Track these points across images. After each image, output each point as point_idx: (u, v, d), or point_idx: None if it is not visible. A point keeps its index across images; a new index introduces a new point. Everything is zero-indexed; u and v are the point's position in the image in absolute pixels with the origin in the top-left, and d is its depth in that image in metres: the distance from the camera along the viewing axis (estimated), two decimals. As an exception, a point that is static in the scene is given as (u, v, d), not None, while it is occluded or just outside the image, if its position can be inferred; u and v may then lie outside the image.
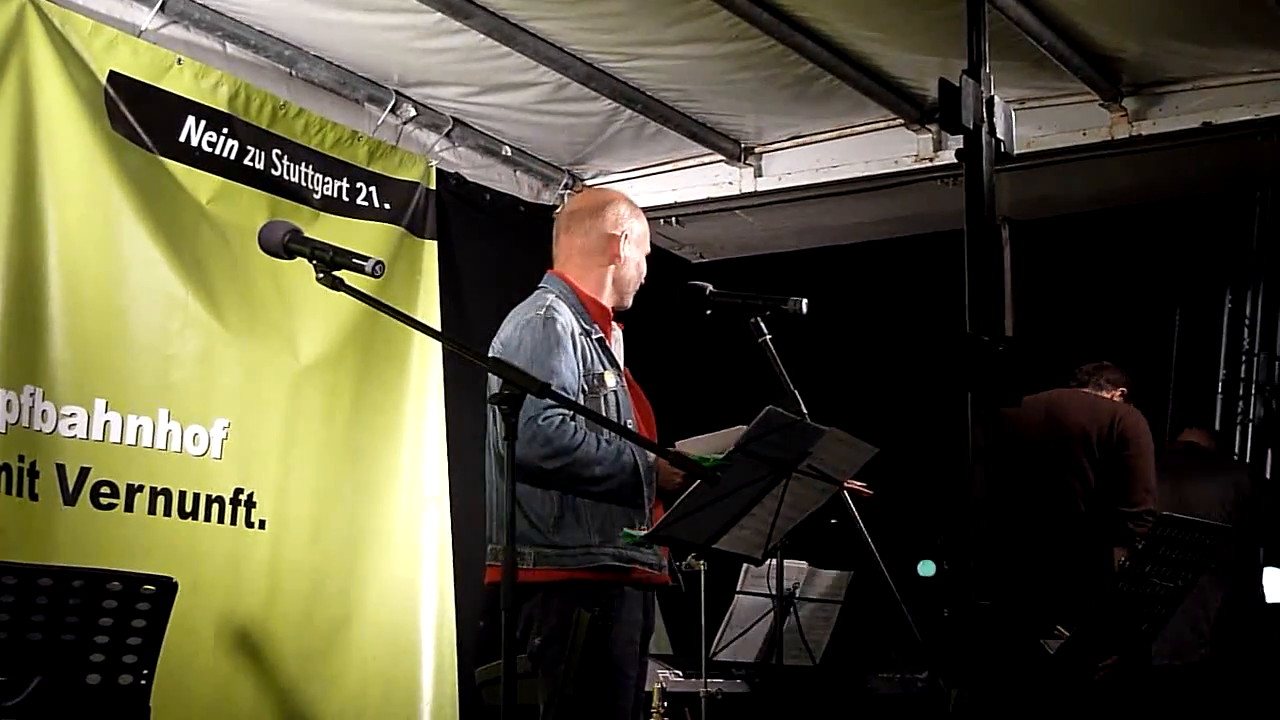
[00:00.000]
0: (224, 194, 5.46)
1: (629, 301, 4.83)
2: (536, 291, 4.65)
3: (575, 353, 4.50)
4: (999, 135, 3.46)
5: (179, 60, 5.29)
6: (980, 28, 3.57)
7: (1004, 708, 3.49)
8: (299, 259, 3.72)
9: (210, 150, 5.42)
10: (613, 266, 4.76)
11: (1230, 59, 6.26)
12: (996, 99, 3.43)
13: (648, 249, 4.88)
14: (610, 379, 4.56)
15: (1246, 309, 10.99)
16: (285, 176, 5.74)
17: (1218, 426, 10.84)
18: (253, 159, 5.61)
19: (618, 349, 4.79)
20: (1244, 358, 10.98)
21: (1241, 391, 10.95)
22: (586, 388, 4.47)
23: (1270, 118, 6.34)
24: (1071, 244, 8.23)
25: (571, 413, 4.31)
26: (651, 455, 4.41)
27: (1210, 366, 11.08)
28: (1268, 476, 10.64)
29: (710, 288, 4.69)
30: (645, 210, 7.00)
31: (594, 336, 4.62)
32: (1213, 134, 6.47)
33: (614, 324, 4.82)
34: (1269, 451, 10.67)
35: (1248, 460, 10.76)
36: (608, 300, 4.75)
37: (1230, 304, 11.06)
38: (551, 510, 4.43)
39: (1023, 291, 7.15)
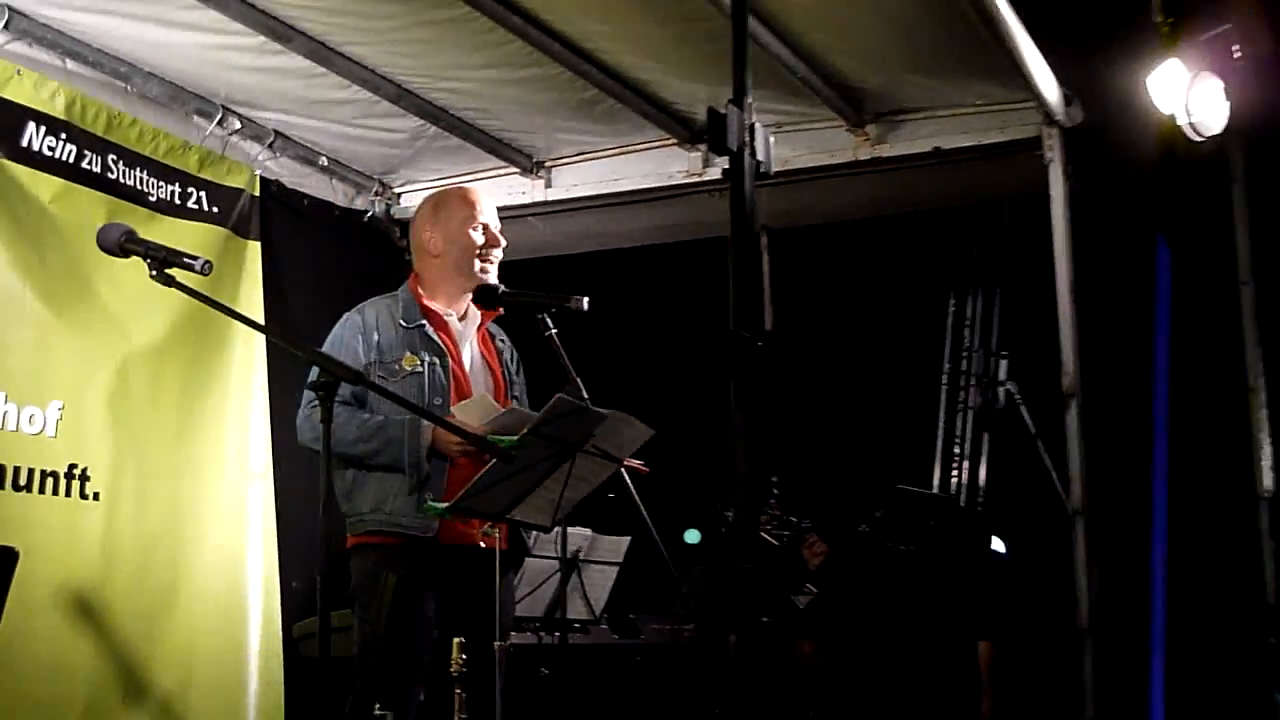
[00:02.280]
0: (64, 195, 5.44)
1: (484, 277, 4.91)
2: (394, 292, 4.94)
3: (364, 345, 4.71)
4: (759, 156, 3.53)
5: (19, 71, 5.26)
6: (743, 61, 3.54)
7: (763, 652, 3.67)
8: (134, 258, 3.80)
9: (50, 154, 5.39)
10: (436, 261, 4.91)
11: (957, 92, 6.48)
12: (757, 124, 3.41)
13: (476, 223, 4.94)
14: (411, 363, 4.69)
15: (968, 311, 11.31)
16: (121, 180, 5.73)
17: (941, 414, 11.20)
18: (90, 163, 5.58)
19: (467, 331, 4.93)
20: (965, 354, 11.27)
21: (962, 383, 11.27)
22: (385, 373, 4.61)
23: (990, 144, 6.59)
24: (821, 251, 8.42)
25: (345, 397, 4.48)
26: (427, 427, 4.52)
27: (935, 360, 11.40)
28: (985, 455, 11.06)
29: (502, 287, 4.83)
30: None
31: (413, 326, 4.76)
32: (942, 157, 6.68)
33: (476, 310, 4.96)
34: (985, 435, 11.03)
35: (967, 443, 11.16)
36: (442, 291, 4.89)
37: (954, 306, 11.35)
38: (345, 484, 4.67)
39: (780, 293, 7.33)
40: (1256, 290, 7.17)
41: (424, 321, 4.78)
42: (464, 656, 5.05)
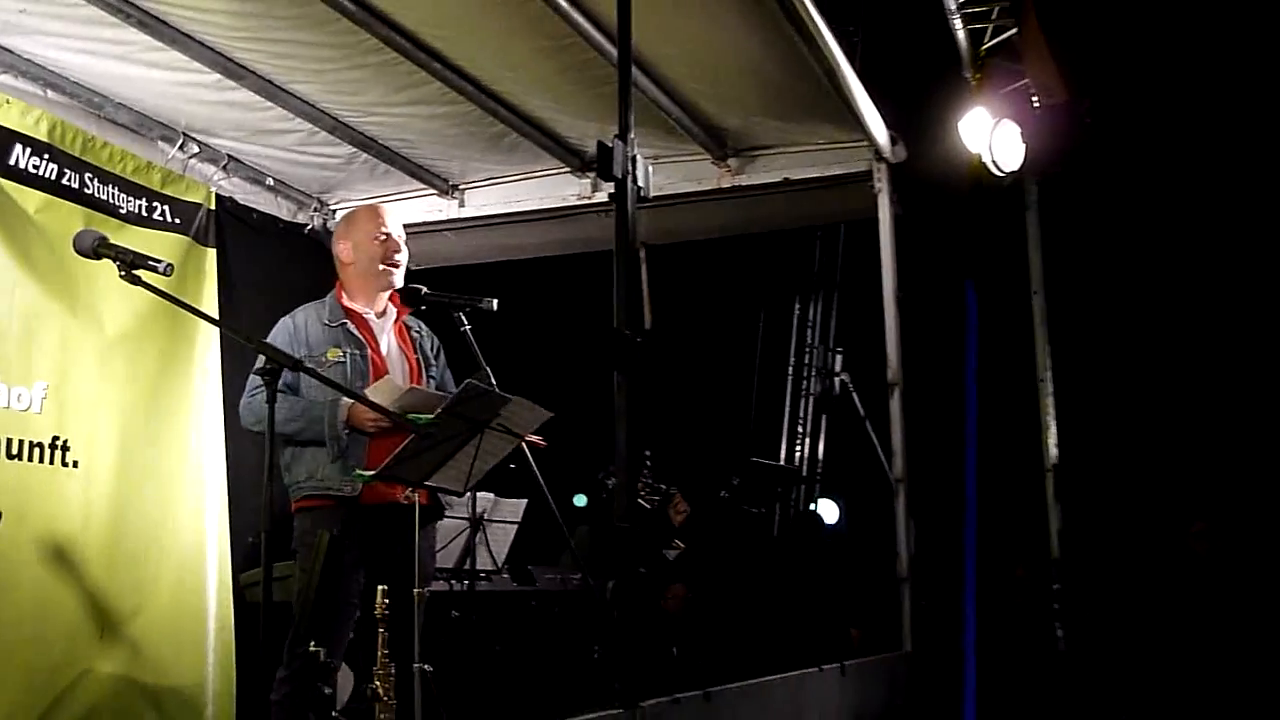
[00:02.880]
0: (47, 206, 5.45)
1: (390, 281, 4.95)
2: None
3: (295, 343, 4.76)
4: (639, 182, 3.59)
5: (7, 100, 5.29)
6: (627, 103, 3.71)
7: (637, 597, 3.84)
8: (106, 260, 3.89)
9: (35, 172, 5.40)
10: (350, 268, 4.98)
11: (803, 133, 6.69)
12: (638, 156, 3.58)
13: (381, 234, 4.95)
14: (335, 354, 4.74)
15: (810, 314, 11.58)
16: (96, 195, 5.75)
17: (788, 399, 11.45)
18: (69, 180, 5.59)
19: (384, 327, 4.97)
20: (807, 349, 11.53)
21: (805, 374, 11.52)
22: (313, 364, 4.52)
23: (830, 175, 6.83)
24: (690, 263, 8.61)
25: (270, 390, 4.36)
26: (344, 405, 4.58)
27: (783, 355, 11.63)
28: (823, 433, 11.36)
29: (424, 289, 4.88)
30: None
31: (336, 324, 4.83)
32: (791, 186, 6.90)
33: (393, 305, 5.02)
34: (823, 417, 11.29)
35: (808, 423, 11.46)
36: (360, 293, 4.94)
37: (799, 310, 11.60)
38: (285, 459, 4.73)
39: (656, 298, 7.45)
40: (1045, 299, 7.56)
41: (345, 320, 4.84)
42: (387, 601, 5.17)
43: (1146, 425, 12.50)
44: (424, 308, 4.96)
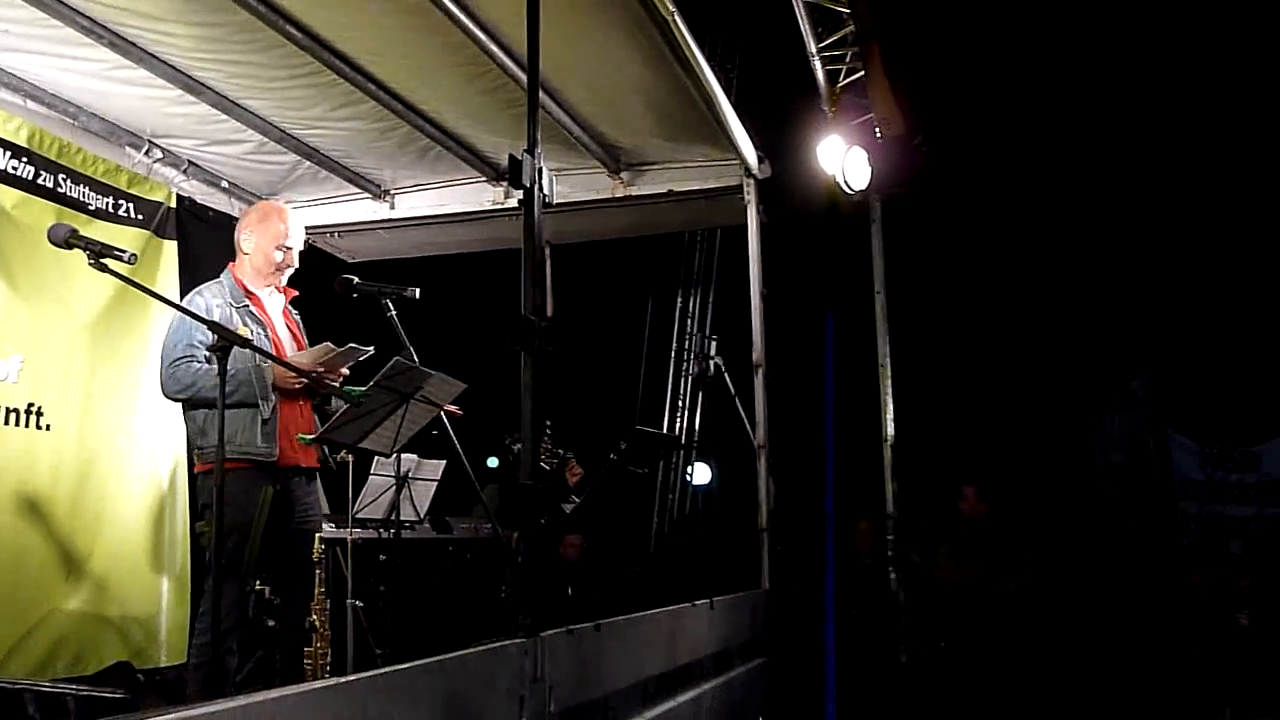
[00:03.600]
0: (23, 203, 5.37)
1: (276, 280, 4.84)
2: (218, 278, 4.78)
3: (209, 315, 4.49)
4: (545, 191, 3.66)
5: None
6: (535, 123, 3.76)
7: (538, 546, 3.86)
8: (76, 250, 3.83)
9: (13, 172, 5.32)
10: (245, 258, 4.83)
11: (685, 151, 6.73)
12: (544, 168, 3.65)
13: (284, 246, 4.82)
14: (245, 332, 4.53)
15: (690, 306, 11.69)
16: (69, 193, 5.68)
17: (670, 378, 11.58)
18: (44, 180, 5.52)
19: (274, 307, 4.85)
20: (687, 336, 11.64)
21: (685, 356, 11.63)
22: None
23: (707, 188, 6.88)
24: (589, 260, 8.64)
25: (200, 358, 4.38)
26: (268, 368, 4.49)
27: (667, 340, 11.74)
28: (699, 407, 11.51)
29: (356, 279, 4.77)
30: (316, 228, 7.20)
31: (240, 305, 4.68)
32: (674, 197, 6.94)
33: (279, 291, 4.88)
34: (700, 393, 11.43)
35: (687, 398, 11.60)
36: (255, 280, 4.80)
37: (680, 302, 11.71)
38: (197, 424, 4.53)
39: (559, 290, 7.52)
40: (886, 298, 7.72)
41: (248, 302, 4.71)
42: (322, 547, 5.15)
43: (965, 406, 12.91)
44: (355, 295, 4.79)
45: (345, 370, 4.70)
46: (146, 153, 6.21)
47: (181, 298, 6.06)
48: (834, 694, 7.23)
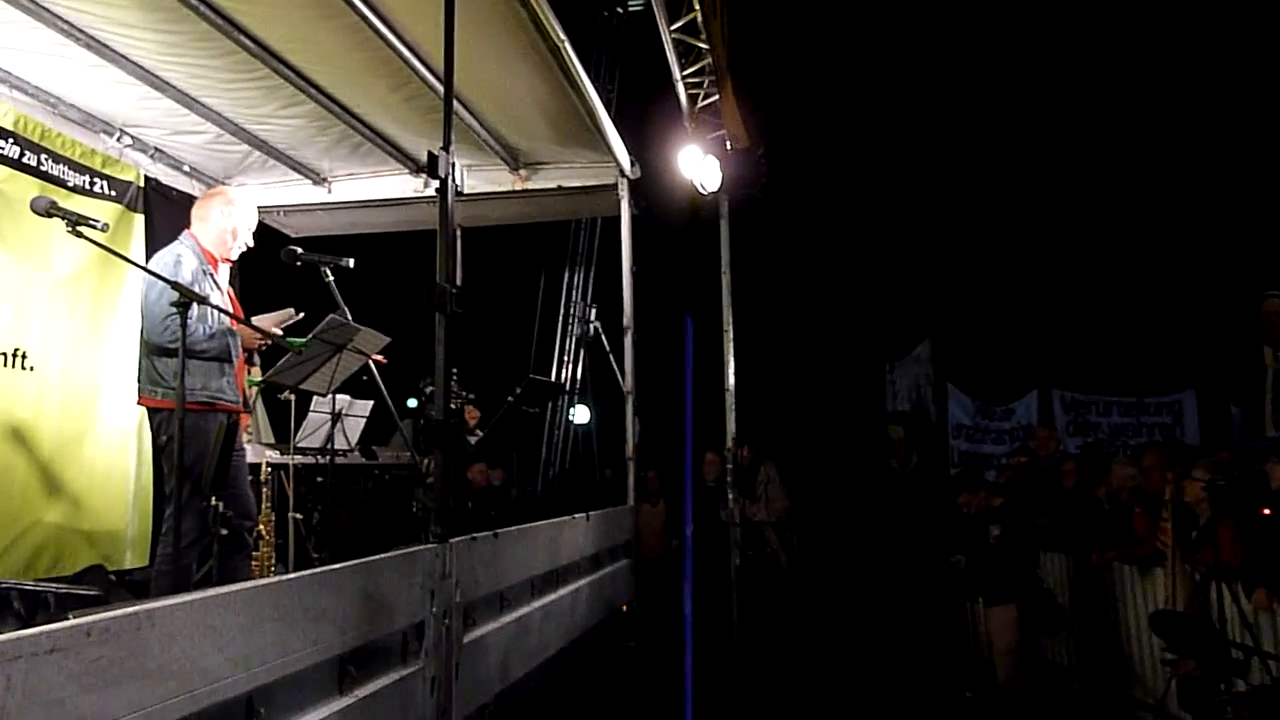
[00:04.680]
0: (10, 178, 5.17)
1: (229, 253, 4.51)
2: (177, 241, 4.42)
3: (177, 276, 4.23)
4: (457, 184, 3.77)
5: None
6: (449, 126, 3.73)
7: (448, 473, 3.86)
8: (56, 219, 3.67)
9: (1, 151, 5.12)
10: (202, 230, 4.47)
11: (572, 154, 6.73)
12: (456, 163, 3.67)
13: (231, 229, 4.48)
14: (213, 297, 4.29)
15: (575, 279, 11.78)
16: (50, 171, 5.46)
17: (558, 337, 11.67)
18: (28, 159, 5.31)
19: (223, 277, 4.55)
20: (573, 304, 11.75)
21: (571, 320, 11.73)
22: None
23: (590, 184, 6.90)
24: (493, 241, 8.57)
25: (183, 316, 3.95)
26: (239, 329, 4.33)
27: (556, 306, 11.83)
28: (581, 361, 11.60)
29: (300, 250, 4.58)
30: (265, 208, 7.02)
31: (205, 269, 4.38)
32: (563, 191, 6.94)
33: (224, 262, 4.55)
34: (581, 350, 11.53)
35: (570, 353, 11.69)
36: (214, 250, 4.48)
37: (567, 276, 11.77)
38: (171, 367, 4.12)
39: (467, 263, 7.46)
40: (731, 277, 7.84)
41: (209, 267, 4.40)
42: (270, 468, 5.08)
43: (789, 362, 13.24)
44: (299, 264, 4.57)
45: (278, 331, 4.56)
46: (118, 139, 5.99)
47: (146, 259, 5.89)
48: (691, 588, 7.39)
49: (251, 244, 4.63)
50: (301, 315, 4.52)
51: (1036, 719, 5.97)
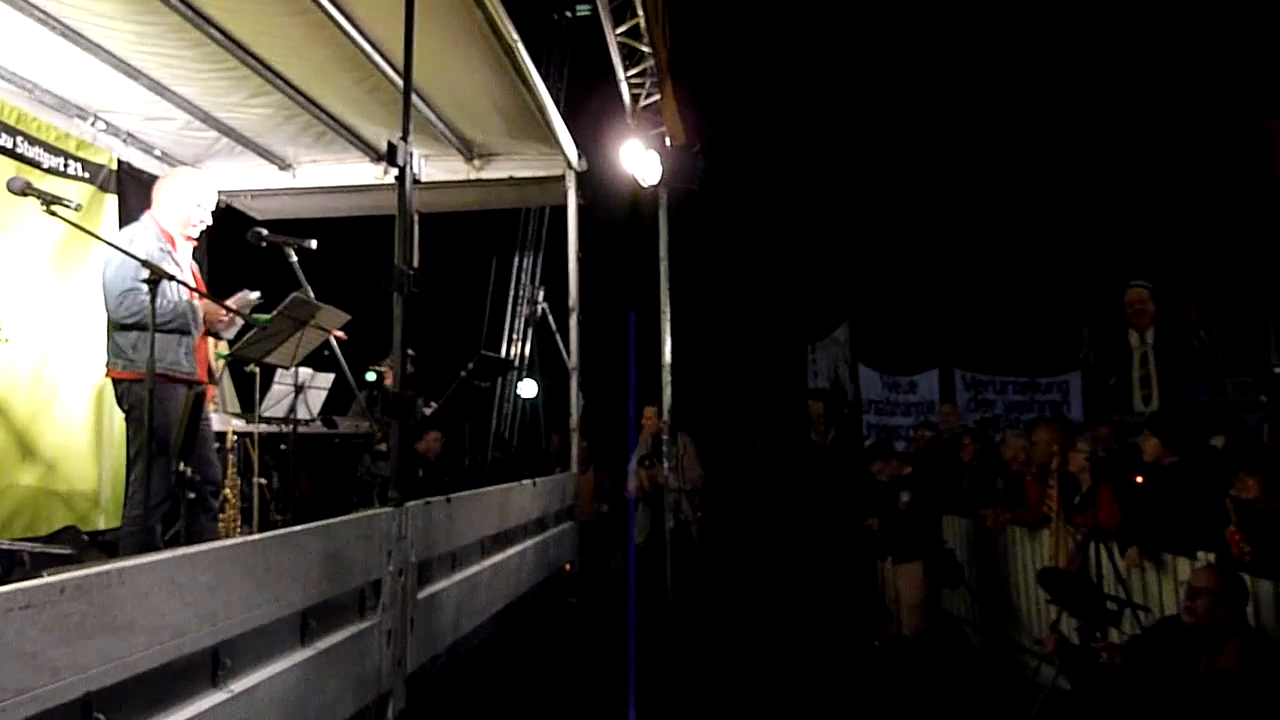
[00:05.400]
0: None
1: (189, 230, 4.34)
2: (139, 221, 4.28)
3: (145, 256, 4.06)
4: (415, 172, 3.61)
5: None
6: (408, 118, 3.68)
7: (404, 441, 3.84)
8: (32, 198, 3.59)
9: None
10: (161, 211, 4.31)
11: (523, 146, 6.65)
12: (414, 152, 3.59)
13: (197, 204, 4.33)
14: (172, 269, 4.15)
15: (525, 263, 11.74)
16: (25, 153, 5.28)
17: (508, 317, 11.63)
18: (4, 141, 5.13)
19: (184, 254, 4.36)
20: (522, 286, 11.71)
21: (520, 301, 11.69)
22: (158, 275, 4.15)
23: (539, 175, 6.83)
24: (449, 227, 8.45)
25: (144, 290, 3.78)
26: (198, 304, 4.19)
27: (506, 288, 11.78)
28: (529, 340, 11.56)
29: (265, 231, 4.46)
30: (233, 191, 6.86)
31: (163, 248, 4.22)
32: (515, 181, 6.87)
33: (187, 240, 4.37)
34: (530, 330, 11.51)
35: (519, 332, 11.64)
36: (172, 229, 4.30)
37: (517, 260, 11.73)
38: (129, 339, 4.07)
39: (424, 247, 7.35)
40: (668, 263, 7.84)
41: (169, 246, 4.25)
42: (235, 436, 4.99)
43: (720, 340, 13.37)
44: (264, 245, 4.45)
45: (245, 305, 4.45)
46: (92, 123, 5.81)
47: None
48: (634, 548, 7.47)
49: (210, 221, 4.46)
50: (259, 296, 4.41)
51: (937, 665, 6.12)
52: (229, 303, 4.35)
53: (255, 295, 4.41)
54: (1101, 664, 4.14)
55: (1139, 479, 5.02)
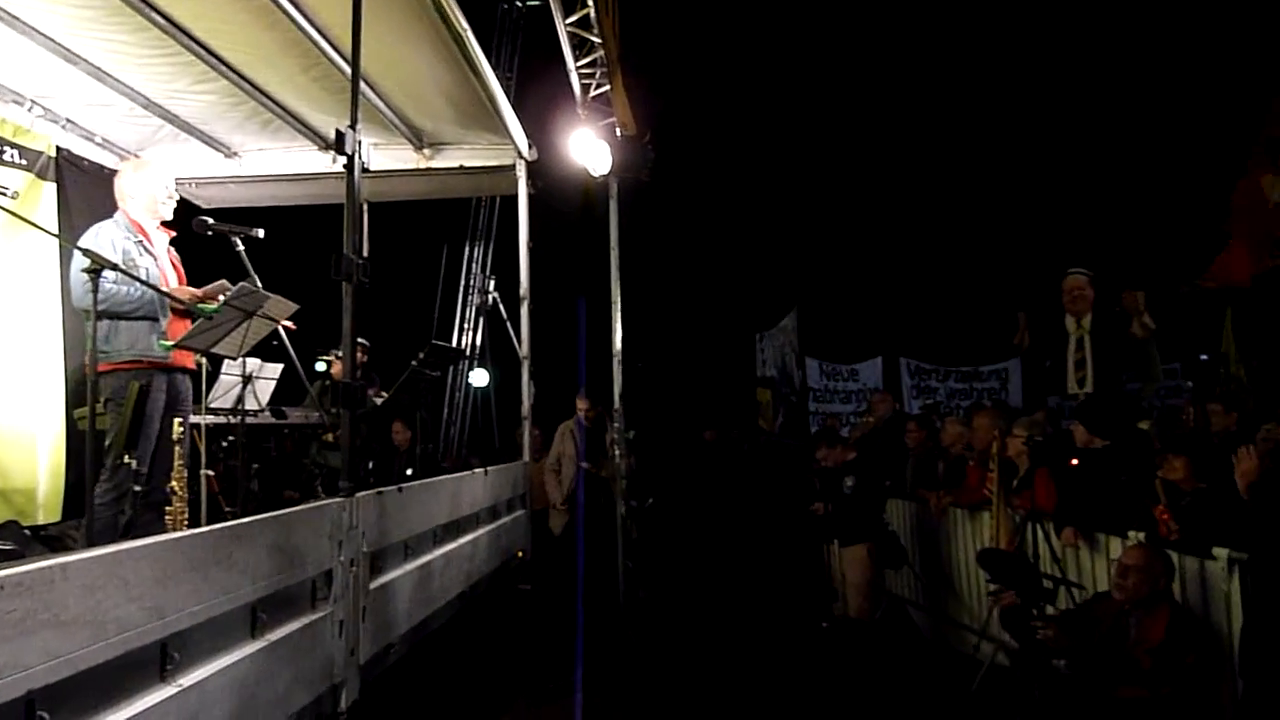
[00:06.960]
0: None
1: (160, 216, 4.46)
2: (112, 217, 4.36)
3: (113, 249, 4.21)
4: (364, 160, 3.58)
5: None
6: (356, 105, 3.67)
7: (361, 432, 3.79)
8: None
9: None
10: (132, 202, 4.44)
11: (474, 135, 6.58)
12: (363, 141, 3.56)
13: (160, 187, 4.47)
14: (142, 261, 4.29)
15: (475, 252, 11.67)
16: None
17: (459, 306, 11.56)
18: None
19: (160, 244, 4.48)
20: (473, 275, 11.64)
21: (471, 290, 11.62)
22: (130, 266, 4.18)
23: (490, 165, 6.75)
24: (399, 216, 8.35)
25: (109, 279, 3.96)
26: (177, 290, 4.27)
27: (457, 277, 11.71)
28: (480, 329, 11.49)
29: (211, 220, 4.42)
30: (178, 180, 6.61)
31: (134, 240, 4.34)
32: (465, 170, 6.78)
33: (160, 230, 4.49)
34: (481, 319, 11.45)
35: (470, 322, 11.57)
36: (142, 220, 4.42)
37: (468, 249, 11.65)
38: (102, 331, 4.15)
39: (373, 236, 7.26)
40: (619, 253, 7.83)
41: (142, 238, 4.38)
42: (181, 428, 4.88)
43: (670, 330, 13.41)
44: (210, 234, 4.45)
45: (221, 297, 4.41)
46: (29, 109, 5.59)
47: (60, 228, 5.59)
48: (583, 532, 7.46)
49: (176, 200, 4.49)
50: (225, 283, 4.38)
51: (882, 643, 6.22)
52: (201, 291, 4.37)
53: (236, 288, 4.35)
54: (1038, 639, 4.25)
55: (1074, 462, 5.14)
